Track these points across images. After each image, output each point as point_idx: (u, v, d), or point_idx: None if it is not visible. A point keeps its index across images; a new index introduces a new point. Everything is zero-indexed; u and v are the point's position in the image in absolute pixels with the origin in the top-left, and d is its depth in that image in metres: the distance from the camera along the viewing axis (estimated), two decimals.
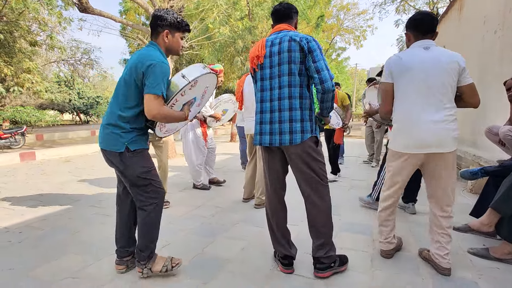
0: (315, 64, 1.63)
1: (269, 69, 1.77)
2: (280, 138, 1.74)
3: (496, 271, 1.86)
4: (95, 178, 4.60)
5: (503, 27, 3.79)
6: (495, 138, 2.81)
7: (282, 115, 1.73)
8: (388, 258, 2.02)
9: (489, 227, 1.92)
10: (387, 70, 1.85)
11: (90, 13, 6.98)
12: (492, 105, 4.03)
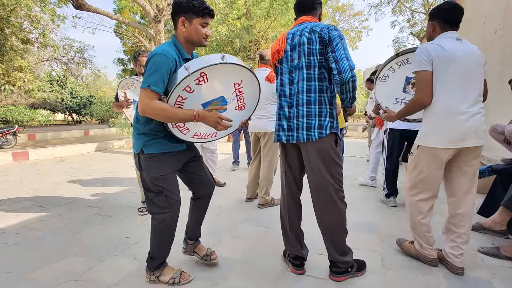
0: (333, 54, 1.54)
1: (289, 63, 1.71)
2: (297, 134, 1.67)
3: (509, 270, 1.84)
4: (92, 178, 4.49)
5: (503, 27, 3.82)
6: (500, 137, 2.81)
7: (300, 110, 1.65)
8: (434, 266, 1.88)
9: (501, 225, 1.91)
10: (426, 57, 1.69)
11: (85, 10, 6.86)
12: (493, 104, 4.05)
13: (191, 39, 1.52)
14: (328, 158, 1.63)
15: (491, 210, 2.31)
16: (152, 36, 7.30)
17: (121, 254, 2.07)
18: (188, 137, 1.64)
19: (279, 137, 1.78)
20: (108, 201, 3.32)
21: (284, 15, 8.81)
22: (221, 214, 2.89)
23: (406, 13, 15.09)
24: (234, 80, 1.55)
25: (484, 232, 2.26)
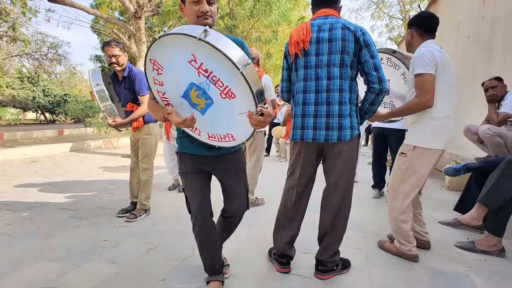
0: (373, 60, 1.53)
1: (315, 56, 1.59)
2: (327, 133, 1.59)
3: (484, 263, 1.92)
4: (66, 180, 4.26)
5: (476, 33, 4.03)
6: (474, 137, 2.96)
7: (331, 109, 1.57)
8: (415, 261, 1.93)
9: (478, 220, 1.99)
10: (433, 60, 1.74)
11: (60, 3, 6.54)
12: (466, 106, 4.26)
13: (190, 23, 1.35)
14: (352, 159, 1.65)
15: (466, 207, 2.41)
16: (132, 32, 7.07)
17: (99, 258, 1.96)
18: (204, 139, 1.45)
19: (303, 135, 1.65)
20: (83, 203, 3.16)
21: (267, 16, 8.84)
22: None
23: (384, 18, 15.68)
24: (186, 57, 1.16)
25: (461, 228, 2.35)
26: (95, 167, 5.32)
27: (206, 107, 1.30)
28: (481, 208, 1.98)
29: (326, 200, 1.73)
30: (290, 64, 1.74)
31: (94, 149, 8.01)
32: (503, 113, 2.62)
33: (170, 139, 3.75)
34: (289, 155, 1.88)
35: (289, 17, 9.77)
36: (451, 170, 2.61)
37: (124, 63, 2.62)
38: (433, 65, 1.74)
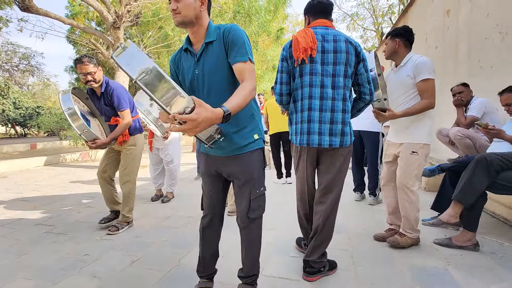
0: (367, 74, 1.69)
1: (321, 65, 1.67)
2: (330, 139, 1.68)
3: (461, 258, 2.02)
4: (41, 195, 4.05)
5: (443, 43, 4.32)
6: (445, 139, 3.13)
7: (336, 116, 1.67)
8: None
9: (455, 218, 2.06)
10: (433, 68, 2.05)
11: (33, 12, 6.36)
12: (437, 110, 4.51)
13: None
14: (347, 163, 1.78)
15: (442, 205, 2.53)
16: (110, 43, 6.96)
17: (79, 273, 1.87)
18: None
19: (309, 140, 1.70)
20: (60, 217, 3.01)
21: (247, 27, 9.01)
22: (190, 224, 2.78)
23: (359, 30, 16.45)
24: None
25: (443, 227, 2.40)
26: (72, 180, 5.10)
27: None
28: (456, 205, 2.08)
29: (319, 201, 1.80)
30: (294, 68, 1.75)
31: (70, 163, 7.68)
32: (470, 116, 2.80)
33: (153, 150, 3.68)
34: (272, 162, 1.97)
35: (268, 28, 10.03)
36: (426, 171, 2.74)
37: (100, 79, 2.47)
38: (434, 71, 2.04)
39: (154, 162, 3.75)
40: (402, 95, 2.18)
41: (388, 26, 14.60)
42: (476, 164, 2.06)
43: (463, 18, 3.74)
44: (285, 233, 2.48)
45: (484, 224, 2.65)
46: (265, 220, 2.62)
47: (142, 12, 8.14)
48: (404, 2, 13.11)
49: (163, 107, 1.00)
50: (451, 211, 2.08)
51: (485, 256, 2.04)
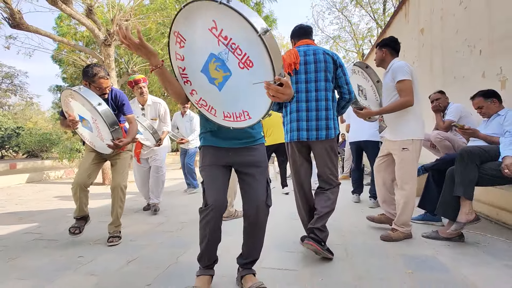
0: (345, 77, 2.04)
1: (304, 74, 2.02)
2: (317, 133, 2.00)
3: (447, 247, 2.13)
4: (26, 209, 3.92)
5: (419, 58, 4.68)
6: (427, 143, 3.33)
7: (320, 114, 2.00)
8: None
9: (472, 213, 2.09)
10: (408, 70, 2.27)
11: (24, 29, 6.40)
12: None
13: None
14: (335, 151, 2.08)
15: (428, 202, 2.67)
16: (101, 59, 7.04)
17: (75, 272, 1.84)
18: (220, 120, 1.41)
19: (299, 136, 2.03)
20: (49, 227, 2.93)
21: None
22: (184, 228, 2.77)
23: (341, 51, 17.31)
24: (207, 25, 1.20)
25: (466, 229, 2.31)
26: (58, 196, 4.95)
27: (223, 81, 1.28)
28: (465, 202, 2.12)
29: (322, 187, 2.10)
30: None
31: (54, 180, 7.45)
32: (448, 120, 3.02)
33: (141, 161, 3.59)
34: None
35: None
36: None
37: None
38: (410, 72, 2.27)
39: (142, 174, 3.64)
40: (388, 97, 2.43)
41: (368, 47, 15.51)
42: (461, 157, 2.18)
43: (436, 36, 4.10)
44: (280, 233, 2.53)
45: None
46: None
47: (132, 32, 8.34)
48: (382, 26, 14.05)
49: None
50: (464, 209, 2.10)
51: (470, 246, 2.16)
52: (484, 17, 3.01)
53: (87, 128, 2.39)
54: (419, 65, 4.67)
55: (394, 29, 6.00)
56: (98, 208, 3.71)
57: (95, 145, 2.46)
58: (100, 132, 2.32)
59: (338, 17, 16.82)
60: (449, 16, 3.70)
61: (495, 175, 2.08)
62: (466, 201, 2.12)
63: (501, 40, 2.77)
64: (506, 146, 2.13)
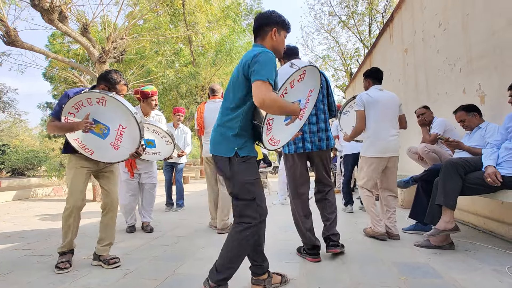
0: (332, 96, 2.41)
1: None
2: (320, 144, 2.24)
3: (439, 255, 2.20)
4: (14, 226, 3.81)
5: (404, 76, 4.93)
6: (415, 156, 3.47)
7: (320, 127, 2.25)
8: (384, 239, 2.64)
9: (451, 223, 2.19)
10: (361, 102, 2.76)
11: (18, 46, 6.45)
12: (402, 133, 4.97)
13: (277, 48, 1.65)
14: (330, 158, 2.38)
15: (419, 212, 2.75)
16: (94, 76, 7.12)
17: (70, 285, 1.81)
18: (266, 141, 1.59)
19: (304, 147, 2.23)
20: (40, 243, 2.86)
21: (228, 64, 9.62)
22: (180, 242, 2.76)
23: (330, 70, 17.91)
24: (310, 86, 1.73)
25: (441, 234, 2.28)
26: (47, 213, 4.83)
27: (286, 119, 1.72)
28: (446, 211, 2.21)
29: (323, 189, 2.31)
30: None
31: (42, 197, 7.25)
32: (433, 133, 3.18)
33: (135, 176, 3.28)
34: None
35: None
36: (401, 182, 3.00)
37: None
38: (361, 104, 2.77)
39: (132, 190, 3.23)
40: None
41: (355, 66, 16.12)
42: (446, 168, 2.31)
43: (419, 55, 4.36)
44: (276, 244, 2.56)
45: None
46: None
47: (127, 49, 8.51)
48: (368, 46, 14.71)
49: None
50: (445, 217, 2.19)
51: (460, 253, 2.23)
52: (461, 38, 3.25)
53: (97, 134, 2.17)
54: (404, 82, 4.91)
55: (380, 50, 6.33)
56: (89, 224, 3.65)
57: (97, 153, 2.20)
58: (120, 140, 2.21)
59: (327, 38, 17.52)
60: (430, 37, 3.96)
61: (479, 184, 2.19)
62: (447, 210, 2.21)
63: (477, 60, 2.98)
64: (488, 156, 2.26)
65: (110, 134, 2.20)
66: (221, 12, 9.78)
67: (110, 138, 2.20)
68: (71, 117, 2.09)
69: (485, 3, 2.83)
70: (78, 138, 2.16)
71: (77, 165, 2.19)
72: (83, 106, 2.07)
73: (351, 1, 14.97)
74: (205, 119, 3.28)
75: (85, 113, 2.03)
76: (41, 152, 16.04)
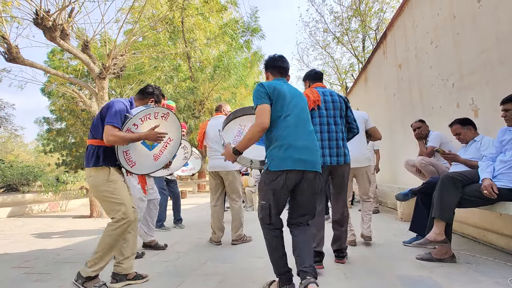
0: (353, 115, 2.52)
1: (325, 110, 2.39)
2: (337, 159, 2.33)
3: (441, 268, 2.21)
4: (9, 242, 3.74)
5: (399, 91, 5.06)
6: (412, 169, 3.52)
7: (339, 143, 2.36)
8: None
9: (441, 235, 2.23)
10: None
11: (19, 63, 6.54)
12: (400, 146, 5.06)
13: None
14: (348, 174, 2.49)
15: (419, 225, 2.78)
16: (94, 92, 7.19)
17: None
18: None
19: (324, 161, 2.30)
20: (39, 260, 2.82)
21: (226, 80, 9.77)
22: (181, 258, 2.73)
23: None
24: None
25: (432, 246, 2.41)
26: (44, 229, 4.76)
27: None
28: (438, 223, 2.26)
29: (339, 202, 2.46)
30: None
31: (38, 213, 7.14)
32: (430, 146, 3.25)
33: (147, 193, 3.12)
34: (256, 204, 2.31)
35: (246, 81, 10.94)
36: (400, 195, 3.04)
37: None
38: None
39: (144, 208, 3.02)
40: None
41: (351, 81, 16.46)
42: (442, 182, 2.36)
43: (412, 71, 4.50)
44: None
45: (457, 242, 2.90)
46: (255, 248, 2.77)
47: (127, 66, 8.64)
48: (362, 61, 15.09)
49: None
50: (436, 229, 2.23)
51: (462, 266, 2.24)
52: (452, 55, 3.38)
53: (147, 145, 2.22)
54: (399, 97, 5.03)
55: (374, 65, 6.51)
56: (86, 241, 3.60)
57: (137, 166, 2.16)
58: (163, 152, 2.32)
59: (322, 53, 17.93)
60: (423, 53, 4.11)
61: (476, 196, 2.23)
62: (440, 222, 2.25)
63: (469, 75, 3.10)
64: (484, 169, 2.32)
65: (158, 146, 2.30)
66: (219, 30, 10.04)
67: (155, 149, 2.30)
68: (133, 128, 2.04)
69: (473, 22, 2.97)
70: (128, 150, 2.10)
71: (120, 178, 2.10)
72: (149, 119, 2.12)
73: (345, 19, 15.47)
74: (207, 134, 3.33)
75: (149, 126, 2.08)
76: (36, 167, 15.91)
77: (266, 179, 1.76)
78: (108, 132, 1.91)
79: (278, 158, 1.72)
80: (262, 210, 1.80)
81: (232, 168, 3.17)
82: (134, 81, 10.62)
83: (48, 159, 21.85)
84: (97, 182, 2.00)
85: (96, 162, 2.00)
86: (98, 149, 2.01)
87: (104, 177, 2.00)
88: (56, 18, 5.90)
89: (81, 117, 15.46)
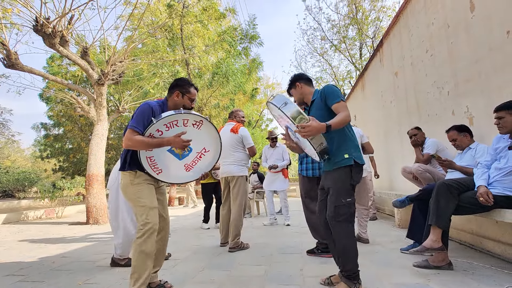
0: None
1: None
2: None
3: (438, 275, 2.20)
4: (3, 249, 3.70)
5: (395, 98, 5.11)
6: (409, 176, 3.54)
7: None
8: None
9: (438, 242, 2.24)
10: None
11: (18, 69, 6.56)
12: (396, 153, 5.08)
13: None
14: None
15: (416, 232, 2.78)
16: (93, 98, 7.21)
17: None
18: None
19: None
20: (33, 268, 2.79)
21: (224, 86, 9.83)
22: (178, 265, 2.71)
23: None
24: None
25: (429, 253, 2.44)
26: (39, 236, 4.71)
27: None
28: (435, 230, 2.27)
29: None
30: None
31: (33, 220, 7.06)
32: (426, 153, 3.28)
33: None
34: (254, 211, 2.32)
35: (244, 88, 11.01)
36: (397, 202, 3.04)
37: None
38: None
39: None
40: None
41: (348, 88, 16.57)
42: (438, 190, 2.38)
43: (408, 78, 4.56)
44: (273, 267, 2.53)
45: (454, 249, 2.90)
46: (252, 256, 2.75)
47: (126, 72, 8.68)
48: (359, 68, 15.24)
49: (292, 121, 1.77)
50: (432, 236, 2.24)
51: (459, 273, 2.24)
52: (447, 63, 3.43)
53: (176, 154, 2.09)
54: (396, 104, 5.08)
55: (371, 73, 6.58)
56: (84, 247, 3.57)
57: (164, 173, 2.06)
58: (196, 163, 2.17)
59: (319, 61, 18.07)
60: (418, 61, 4.17)
61: (472, 203, 2.25)
62: (436, 229, 2.26)
63: (464, 84, 3.14)
64: (479, 176, 2.34)
65: (189, 156, 2.13)
66: (218, 37, 10.14)
67: (187, 159, 2.13)
68: (157, 134, 1.92)
69: (467, 32, 3.03)
70: (152, 156, 1.99)
71: (146, 181, 2.00)
72: (176, 126, 1.95)
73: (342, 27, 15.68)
74: None
75: (174, 133, 1.94)
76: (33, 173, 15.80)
77: (353, 173, 1.93)
78: (126, 135, 1.84)
79: (357, 155, 1.96)
80: (350, 207, 1.91)
81: (236, 173, 3.23)
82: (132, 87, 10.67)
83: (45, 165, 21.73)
84: (123, 186, 1.98)
85: (123, 166, 1.97)
86: (127, 153, 1.97)
87: (129, 181, 1.96)
88: (56, 25, 5.94)
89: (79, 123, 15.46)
